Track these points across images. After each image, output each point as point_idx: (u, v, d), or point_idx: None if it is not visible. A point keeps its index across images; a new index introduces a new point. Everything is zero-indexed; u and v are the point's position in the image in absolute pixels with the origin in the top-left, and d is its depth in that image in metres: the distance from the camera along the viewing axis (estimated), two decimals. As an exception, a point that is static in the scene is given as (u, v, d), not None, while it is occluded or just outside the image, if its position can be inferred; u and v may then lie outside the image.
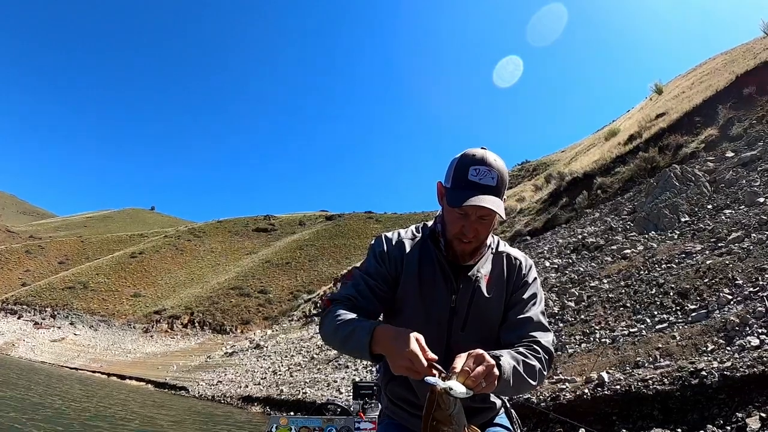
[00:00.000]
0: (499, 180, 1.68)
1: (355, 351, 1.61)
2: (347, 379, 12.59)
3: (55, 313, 36.43)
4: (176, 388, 18.72)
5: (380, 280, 1.84)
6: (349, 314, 1.69)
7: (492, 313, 1.82)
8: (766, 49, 14.21)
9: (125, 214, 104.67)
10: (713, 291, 5.98)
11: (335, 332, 1.66)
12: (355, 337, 1.58)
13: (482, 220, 1.70)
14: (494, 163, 1.68)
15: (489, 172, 1.67)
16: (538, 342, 1.70)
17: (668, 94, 20.01)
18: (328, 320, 1.72)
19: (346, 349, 1.67)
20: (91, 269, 45.01)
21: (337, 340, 1.67)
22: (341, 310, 1.73)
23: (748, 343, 4.53)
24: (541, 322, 1.78)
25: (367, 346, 1.53)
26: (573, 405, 5.12)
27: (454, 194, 1.69)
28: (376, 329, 1.53)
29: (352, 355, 1.72)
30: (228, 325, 33.55)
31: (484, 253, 1.85)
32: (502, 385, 1.46)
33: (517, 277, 1.86)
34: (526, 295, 1.83)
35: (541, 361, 1.65)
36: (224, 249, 50.81)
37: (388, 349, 1.48)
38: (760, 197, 8.06)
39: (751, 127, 11.16)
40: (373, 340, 1.52)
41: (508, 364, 1.49)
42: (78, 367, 24.34)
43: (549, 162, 30.44)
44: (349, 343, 1.62)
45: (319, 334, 1.84)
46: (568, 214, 16.44)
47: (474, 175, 1.66)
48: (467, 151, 1.74)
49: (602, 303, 7.70)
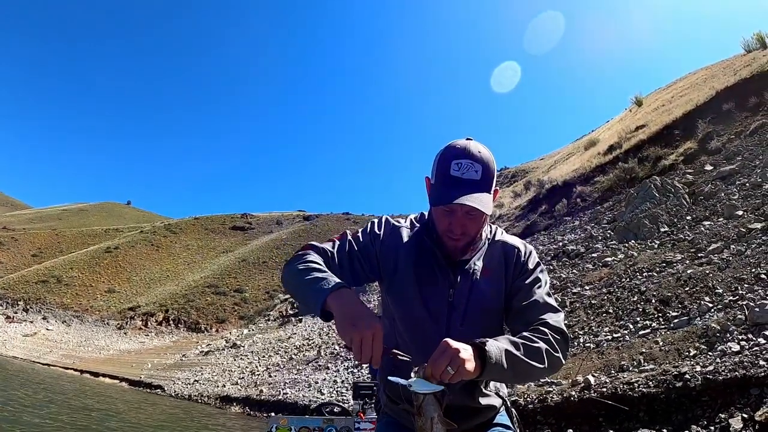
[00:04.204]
0: (484, 173, 1.62)
1: (309, 298, 1.53)
2: (329, 380, 12.61)
3: (28, 307, 35.70)
4: (152, 387, 18.49)
5: (364, 255, 1.80)
6: (317, 263, 1.65)
7: (492, 305, 1.78)
8: (746, 65, 14.59)
9: (101, 207, 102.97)
10: (694, 299, 6.18)
11: (297, 274, 1.62)
12: (317, 285, 1.52)
13: (470, 216, 1.65)
14: (478, 155, 1.62)
15: (472, 166, 1.61)
16: (546, 323, 1.62)
17: (648, 106, 20.39)
18: (296, 261, 1.70)
19: (301, 291, 1.61)
20: (65, 263, 44.15)
21: (296, 281, 1.62)
22: (312, 256, 1.70)
23: (729, 349, 4.72)
24: (548, 303, 1.70)
25: (323, 300, 1.46)
26: (560, 407, 5.27)
27: (437, 191, 1.65)
28: (343, 289, 1.48)
29: (303, 303, 1.61)
30: (203, 324, 33.20)
31: (480, 247, 1.81)
32: (495, 371, 1.41)
33: (516, 265, 1.79)
34: (529, 281, 1.75)
35: (550, 342, 1.56)
36: (200, 246, 50.22)
37: (342, 314, 1.42)
38: (739, 210, 8.32)
39: (729, 142, 11.48)
40: (332, 296, 1.46)
41: (496, 348, 1.42)
42: (50, 363, 23.89)
43: (528, 169, 30.71)
44: (307, 288, 1.55)
45: (282, 271, 1.77)
46: (547, 221, 16.66)
47: (456, 169, 1.61)
48: (450, 143, 1.68)
49: (585, 309, 7.88)
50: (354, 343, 1.37)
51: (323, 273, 1.57)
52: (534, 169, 29.38)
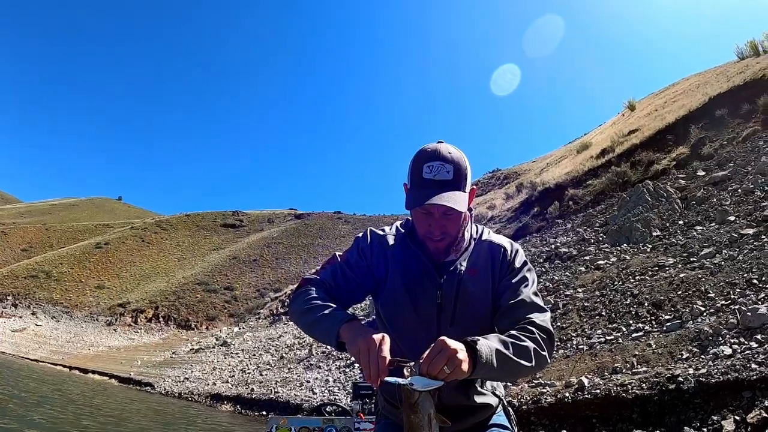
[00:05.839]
0: (455, 172, 1.66)
1: (323, 336, 1.64)
2: (320, 379, 12.61)
3: (17, 302, 35.43)
4: (141, 384, 18.36)
5: (358, 272, 1.84)
6: (321, 298, 1.71)
7: (480, 305, 1.80)
8: (739, 72, 14.72)
9: (91, 203, 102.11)
10: (686, 303, 6.25)
11: (306, 312, 1.69)
12: (327, 322, 1.61)
13: (447, 216, 1.69)
14: (448, 156, 1.67)
15: (443, 167, 1.65)
16: (532, 322, 1.64)
17: (641, 111, 20.52)
18: (301, 299, 1.75)
19: (313, 331, 1.70)
20: (54, 258, 43.82)
21: (307, 320, 1.70)
22: (314, 292, 1.75)
23: (722, 352, 4.77)
24: (535, 302, 1.73)
25: (336, 335, 1.56)
26: (554, 408, 5.32)
27: (412, 195, 1.69)
28: (351, 321, 1.58)
29: (318, 339, 1.72)
30: (193, 321, 33.08)
31: (465, 247, 1.84)
32: (485, 370, 1.44)
33: (502, 264, 1.82)
34: (515, 280, 1.78)
35: (537, 341, 1.59)
36: (191, 243, 49.99)
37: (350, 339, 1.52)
38: (731, 216, 8.40)
39: (721, 148, 11.60)
40: (342, 328, 1.56)
41: (487, 347, 1.45)
42: (39, 359, 23.70)
43: (520, 171, 30.79)
44: (317, 326, 1.65)
45: (288, 310, 1.86)
46: (539, 223, 16.74)
47: (428, 172, 1.65)
48: (422, 148, 1.73)
49: (578, 311, 7.94)
50: (362, 352, 1.43)
51: (329, 309, 1.66)
52: (526, 171, 29.47)
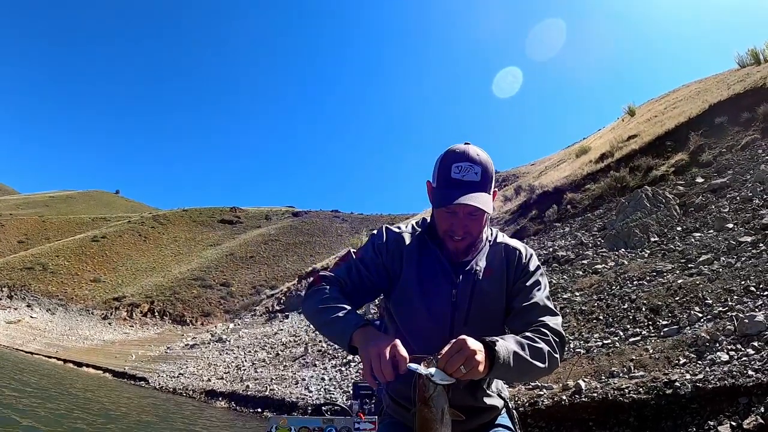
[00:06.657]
0: (483, 174, 1.70)
1: (336, 338, 1.67)
2: (316, 377, 12.61)
3: (12, 293, 35.33)
4: (136, 379, 18.33)
5: (373, 270, 1.86)
6: (335, 298, 1.73)
7: (494, 305, 1.84)
8: (739, 80, 14.76)
9: (89, 195, 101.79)
10: (684, 308, 6.28)
11: (320, 312, 1.71)
12: (340, 324, 1.64)
13: (471, 217, 1.73)
14: (477, 158, 1.71)
15: (472, 168, 1.69)
16: (545, 325, 1.69)
17: (640, 116, 20.55)
18: (315, 297, 1.77)
19: (326, 332, 1.74)
20: (51, 250, 43.67)
21: (321, 320, 1.72)
22: (329, 291, 1.77)
23: (718, 358, 4.81)
24: (548, 306, 1.78)
25: (348, 339, 1.59)
26: (551, 411, 5.34)
27: (439, 193, 1.72)
28: (365, 327, 1.60)
29: (331, 340, 1.77)
30: (188, 317, 33.03)
31: (481, 248, 1.87)
32: (502, 371, 1.46)
33: (517, 267, 1.86)
34: (529, 283, 1.83)
35: (551, 344, 1.63)
36: (188, 239, 49.92)
37: (363, 342, 1.54)
38: (729, 223, 8.44)
39: (720, 155, 11.63)
40: (356, 333, 1.58)
41: (505, 348, 1.48)
42: (33, 351, 23.67)
43: (518, 174, 30.82)
44: (330, 328, 1.68)
45: (302, 307, 1.88)
46: (537, 226, 16.75)
47: (457, 172, 1.69)
48: (450, 148, 1.76)
49: (575, 315, 7.97)
50: (373, 357, 1.45)
51: (343, 311, 1.67)
52: (524, 174, 29.49)
